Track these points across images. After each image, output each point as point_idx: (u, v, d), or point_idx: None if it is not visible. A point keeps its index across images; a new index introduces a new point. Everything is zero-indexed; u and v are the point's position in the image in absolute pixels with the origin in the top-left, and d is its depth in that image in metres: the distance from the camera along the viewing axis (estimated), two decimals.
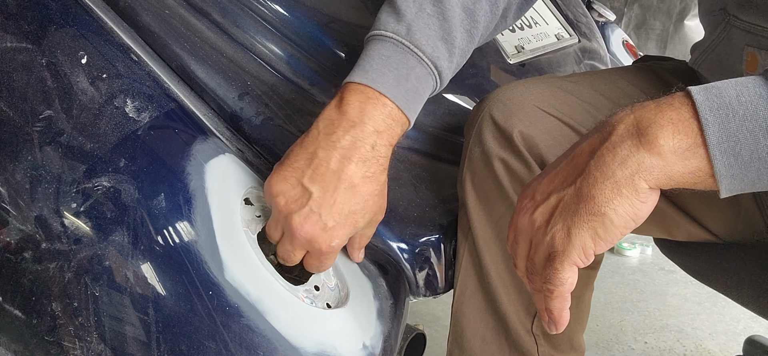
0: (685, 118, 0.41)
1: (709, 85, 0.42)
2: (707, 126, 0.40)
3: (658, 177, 0.41)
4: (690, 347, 1.49)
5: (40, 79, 0.56)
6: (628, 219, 0.42)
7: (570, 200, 0.44)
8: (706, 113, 0.40)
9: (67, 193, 0.53)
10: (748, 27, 0.61)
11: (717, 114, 0.40)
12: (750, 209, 0.70)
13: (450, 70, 0.58)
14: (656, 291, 1.77)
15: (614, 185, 0.42)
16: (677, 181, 0.42)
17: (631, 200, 0.42)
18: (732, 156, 0.40)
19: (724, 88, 0.41)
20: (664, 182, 0.42)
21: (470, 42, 0.60)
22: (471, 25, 0.59)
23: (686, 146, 0.41)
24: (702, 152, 0.41)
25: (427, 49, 0.55)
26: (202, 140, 0.60)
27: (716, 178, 0.41)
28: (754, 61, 0.61)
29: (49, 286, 0.51)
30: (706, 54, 0.70)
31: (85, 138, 0.55)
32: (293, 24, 0.65)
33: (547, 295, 0.46)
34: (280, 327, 0.53)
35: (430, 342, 0.85)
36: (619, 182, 0.42)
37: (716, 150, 0.40)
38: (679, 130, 0.41)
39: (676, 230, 0.74)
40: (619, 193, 0.42)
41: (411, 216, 0.73)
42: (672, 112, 0.41)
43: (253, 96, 0.66)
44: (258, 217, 0.60)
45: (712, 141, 0.40)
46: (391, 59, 0.54)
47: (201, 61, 0.65)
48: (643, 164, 0.41)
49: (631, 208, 0.42)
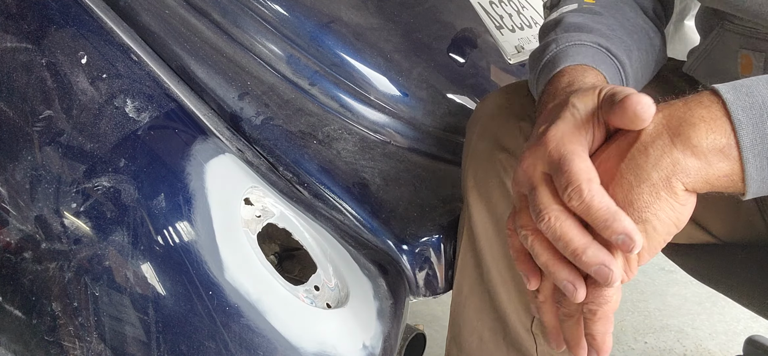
0: (716, 116, 0.38)
1: (736, 83, 0.39)
2: (740, 127, 0.38)
3: (696, 179, 0.39)
4: (690, 347, 1.49)
5: (40, 79, 0.56)
6: (671, 224, 0.40)
7: None
8: (738, 113, 0.38)
9: (67, 193, 0.53)
10: (742, 30, 0.61)
11: (750, 114, 0.38)
12: (750, 210, 0.70)
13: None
14: (656, 291, 1.77)
15: (652, 189, 0.39)
16: (713, 184, 0.39)
17: (671, 203, 0.39)
18: (765, 159, 0.38)
19: (753, 86, 0.39)
20: (701, 185, 0.39)
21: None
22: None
23: (721, 146, 0.38)
24: (735, 154, 0.38)
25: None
26: (202, 140, 0.60)
27: (746, 181, 0.38)
28: (749, 63, 0.61)
29: (49, 286, 0.51)
30: (700, 58, 0.70)
31: (85, 138, 0.55)
32: (293, 24, 0.65)
33: (589, 318, 0.41)
34: (280, 327, 0.53)
35: (430, 342, 0.85)
36: (656, 184, 0.39)
37: (749, 153, 0.38)
38: (712, 129, 0.38)
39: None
40: (658, 196, 0.39)
41: (411, 216, 0.73)
42: (702, 109, 0.39)
43: (253, 96, 0.66)
44: (258, 217, 0.60)
45: (745, 144, 0.38)
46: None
47: (201, 61, 0.65)
48: (678, 164, 0.38)
49: (673, 212, 0.39)
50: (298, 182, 0.68)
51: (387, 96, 0.72)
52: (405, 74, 0.74)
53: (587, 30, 0.56)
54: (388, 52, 0.73)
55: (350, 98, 0.71)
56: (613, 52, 0.54)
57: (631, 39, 0.58)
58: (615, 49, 0.55)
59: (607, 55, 0.54)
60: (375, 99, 0.72)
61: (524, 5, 1.01)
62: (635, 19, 0.62)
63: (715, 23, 0.65)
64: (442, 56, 0.80)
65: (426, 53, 0.78)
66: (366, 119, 0.72)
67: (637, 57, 0.59)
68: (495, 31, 0.90)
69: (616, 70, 0.54)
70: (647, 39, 0.62)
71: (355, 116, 0.71)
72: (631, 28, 0.60)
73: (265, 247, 0.57)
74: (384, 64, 0.72)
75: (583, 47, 0.54)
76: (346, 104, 0.71)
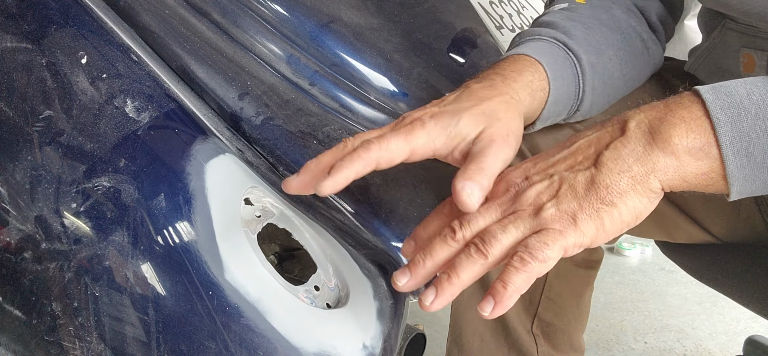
0: (696, 116, 0.40)
1: (716, 85, 0.41)
2: (719, 125, 0.39)
3: (672, 178, 0.40)
4: (690, 347, 1.49)
5: (40, 79, 0.56)
6: (633, 216, 0.41)
7: (581, 186, 0.42)
8: (717, 112, 0.39)
9: (67, 193, 0.53)
10: (744, 29, 0.61)
11: (728, 113, 0.39)
12: (750, 210, 0.70)
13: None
14: (656, 291, 1.77)
15: (631, 180, 0.41)
16: (690, 182, 0.41)
17: (641, 198, 0.41)
18: (745, 157, 0.39)
19: (733, 87, 0.40)
20: (677, 184, 0.41)
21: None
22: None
23: (699, 145, 0.40)
24: (715, 153, 0.40)
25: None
26: (202, 140, 0.60)
27: (728, 180, 0.40)
28: (751, 62, 0.61)
29: (49, 286, 0.51)
30: (702, 57, 0.70)
31: (85, 138, 0.55)
32: (293, 24, 0.65)
33: (516, 266, 0.40)
34: (280, 327, 0.53)
35: (430, 342, 0.85)
36: (636, 177, 0.40)
37: (729, 150, 0.39)
38: (691, 129, 0.40)
39: (676, 232, 0.74)
40: (634, 188, 0.40)
41: (411, 216, 0.73)
42: (682, 110, 0.40)
43: (253, 96, 0.66)
44: (258, 217, 0.60)
45: (724, 141, 0.39)
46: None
47: (201, 61, 0.65)
48: (657, 163, 0.40)
49: (640, 205, 0.41)
50: None
51: (387, 96, 0.72)
52: (405, 74, 0.74)
53: (553, 26, 0.59)
54: (388, 52, 0.73)
55: (350, 97, 0.71)
56: (571, 47, 0.57)
57: (610, 38, 0.59)
58: (573, 44, 0.57)
59: (561, 49, 0.57)
60: (375, 99, 0.72)
61: (524, 5, 1.01)
62: (625, 20, 0.62)
63: (717, 22, 0.65)
64: (442, 56, 0.80)
65: (426, 53, 0.78)
66: (366, 119, 0.72)
67: (615, 55, 0.60)
68: (495, 31, 0.90)
69: (570, 64, 0.57)
70: (639, 41, 0.62)
71: (355, 116, 0.71)
72: (615, 26, 0.61)
73: (265, 247, 0.57)
74: (384, 64, 0.72)
75: (539, 41, 0.57)
76: (346, 104, 0.71)
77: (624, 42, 0.60)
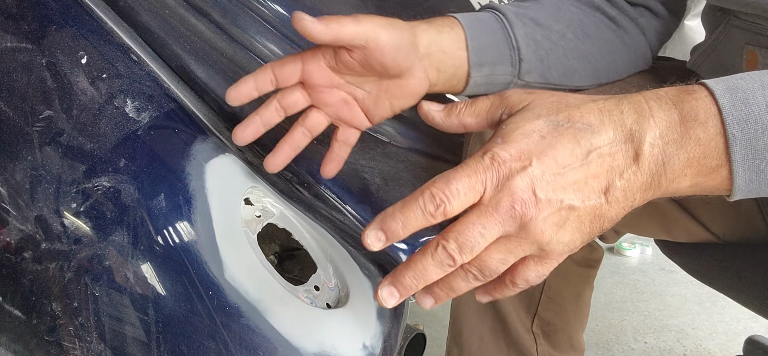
0: (712, 136, 0.38)
1: (732, 87, 0.38)
2: (734, 142, 0.37)
3: (669, 195, 0.40)
4: (690, 347, 1.49)
5: (40, 79, 0.56)
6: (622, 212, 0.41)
7: (587, 219, 0.40)
8: (733, 127, 0.37)
9: (67, 193, 0.53)
10: (749, 26, 0.61)
11: (745, 129, 0.37)
12: (750, 209, 0.70)
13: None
14: (656, 291, 1.77)
15: (630, 208, 0.40)
16: (686, 194, 0.40)
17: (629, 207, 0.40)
18: (755, 173, 0.38)
19: (750, 94, 0.38)
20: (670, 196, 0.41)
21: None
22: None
23: (709, 170, 0.38)
24: (725, 172, 0.38)
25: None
26: (202, 140, 0.60)
27: (733, 190, 0.39)
28: (755, 59, 0.61)
29: (49, 286, 0.51)
30: (705, 54, 0.70)
31: (85, 138, 0.55)
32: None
33: (511, 288, 0.43)
34: (280, 327, 0.53)
35: (430, 342, 0.85)
36: (635, 204, 0.40)
37: (740, 167, 0.38)
38: (705, 155, 0.38)
39: (676, 230, 0.74)
40: (626, 210, 0.40)
41: None
42: (698, 129, 0.38)
43: None
44: (258, 217, 0.60)
45: (736, 158, 0.37)
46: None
47: (201, 61, 0.65)
48: (659, 193, 0.40)
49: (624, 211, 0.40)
50: (298, 182, 0.68)
51: None
52: None
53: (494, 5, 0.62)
54: None
55: None
56: (495, 7, 0.60)
57: (569, 20, 0.61)
58: (511, 16, 0.59)
59: (494, 17, 0.59)
60: None
61: None
62: (591, 13, 0.63)
63: (721, 19, 0.65)
64: None
65: None
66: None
67: (564, 18, 0.62)
68: None
69: (491, 16, 0.60)
70: (608, 30, 0.63)
71: None
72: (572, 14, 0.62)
73: (265, 247, 0.57)
74: None
75: (479, 13, 0.61)
76: None
77: (580, 13, 0.62)
